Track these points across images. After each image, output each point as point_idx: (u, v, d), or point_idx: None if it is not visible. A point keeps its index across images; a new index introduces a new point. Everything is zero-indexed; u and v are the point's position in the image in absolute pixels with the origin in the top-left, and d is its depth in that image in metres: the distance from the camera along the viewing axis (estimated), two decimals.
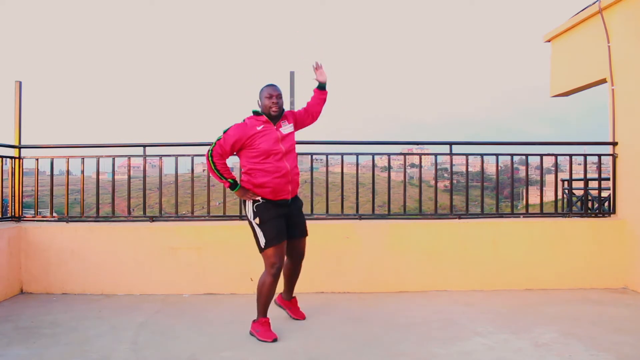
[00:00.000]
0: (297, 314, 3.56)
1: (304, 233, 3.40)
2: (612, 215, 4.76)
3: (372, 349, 2.99)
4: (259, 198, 3.15)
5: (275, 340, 3.08)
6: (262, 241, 3.12)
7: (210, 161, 3.18)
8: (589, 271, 4.51)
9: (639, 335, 3.21)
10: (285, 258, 3.32)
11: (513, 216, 4.84)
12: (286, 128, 3.24)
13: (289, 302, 3.59)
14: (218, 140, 3.17)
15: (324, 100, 3.47)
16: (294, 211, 3.31)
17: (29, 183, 4.93)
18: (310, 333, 3.27)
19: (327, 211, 4.60)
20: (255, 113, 3.23)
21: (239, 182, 3.23)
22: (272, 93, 3.18)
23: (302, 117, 3.42)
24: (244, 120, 3.22)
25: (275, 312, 3.39)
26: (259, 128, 3.14)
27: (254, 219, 3.16)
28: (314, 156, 4.80)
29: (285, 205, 3.22)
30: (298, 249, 3.39)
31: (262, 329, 3.13)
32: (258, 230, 3.15)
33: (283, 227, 3.18)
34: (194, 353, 2.92)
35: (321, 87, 3.44)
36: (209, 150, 3.18)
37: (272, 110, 3.16)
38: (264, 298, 3.15)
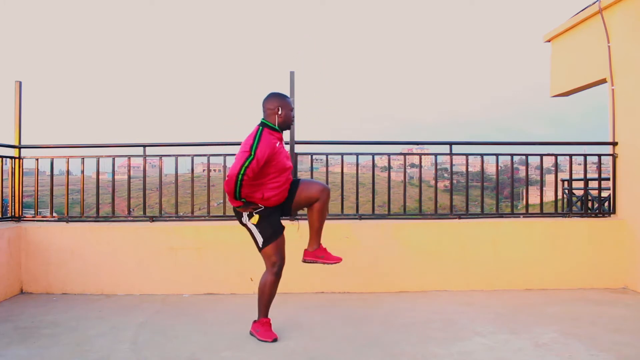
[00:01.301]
0: (332, 259, 3.23)
1: (295, 184, 3.17)
2: (612, 215, 4.76)
3: (372, 349, 2.99)
4: (261, 207, 3.09)
5: (275, 340, 3.08)
6: (260, 240, 3.09)
7: (238, 184, 2.87)
8: (589, 271, 4.51)
9: (639, 335, 3.21)
10: (309, 206, 3.18)
11: (513, 216, 4.84)
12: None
13: (319, 250, 3.23)
14: (251, 161, 2.87)
15: None
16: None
17: (29, 183, 4.93)
18: (310, 333, 3.27)
19: None
20: (271, 127, 3.05)
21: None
22: (292, 106, 3.17)
23: None
24: (261, 132, 2.99)
25: (275, 313, 3.39)
26: (277, 145, 3.04)
27: (249, 219, 3.10)
28: (314, 156, 4.80)
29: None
30: (307, 191, 3.13)
31: (262, 329, 3.13)
32: (255, 230, 3.10)
33: (278, 220, 3.16)
34: (194, 353, 2.92)
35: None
36: (239, 173, 2.85)
37: (292, 124, 3.19)
38: (266, 298, 3.13)
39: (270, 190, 3.05)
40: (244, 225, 3.17)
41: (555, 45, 5.86)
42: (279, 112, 3.06)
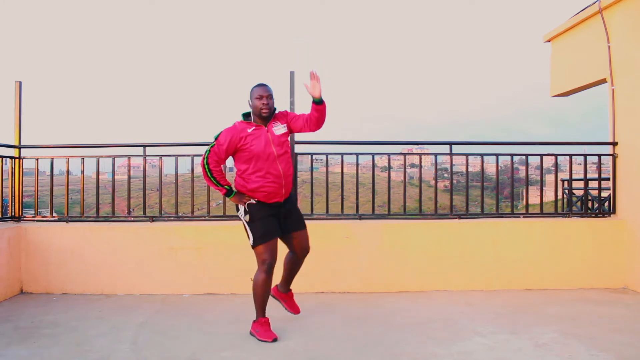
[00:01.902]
0: (292, 308, 3.52)
1: (300, 225, 3.31)
2: (612, 215, 4.76)
3: (372, 349, 2.99)
4: (254, 200, 3.14)
5: (275, 340, 3.08)
6: (251, 239, 3.14)
7: (207, 169, 3.15)
8: (589, 271, 4.51)
9: (639, 336, 3.21)
10: (289, 251, 3.38)
11: (513, 216, 4.84)
12: (278, 129, 3.17)
13: (285, 295, 3.52)
14: (212, 147, 3.13)
15: (323, 114, 3.17)
16: (288, 206, 3.27)
17: (29, 183, 4.93)
18: (310, 333, 3.27)
19: (327, 211, 4.60)
20: (245, 117, 3.20)
21: (233, 188, 3.21)
22: (262, 94, 3.11)
23: (298, 122, 3.24)
24: (233, 124, 3.18)
25: (275, 312, 3.39)
26: (249, 130, 3.11)
27: (244, 216, 3.17)
28: (314, 156, 4.79)
29: (278, 206, 3.21)
30: (299, 241, 3.30)
31: (261, 329, 3.13)
32: (247, 227, 3.16)
33: (274, 225, 3.17)
34: (194, 353, 2.92)
35: (317, 102, 3.12)
36: (204, 159, 3.15)
37: (263, 112, 3.10)
38: (259, 297, 3.15)
39: (254, 181, 3.10)
40: (241, 220, 3.23)
41: (555, 45, 5.86)
42: (250, 104, 3.18)
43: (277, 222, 3.20)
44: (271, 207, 3.17)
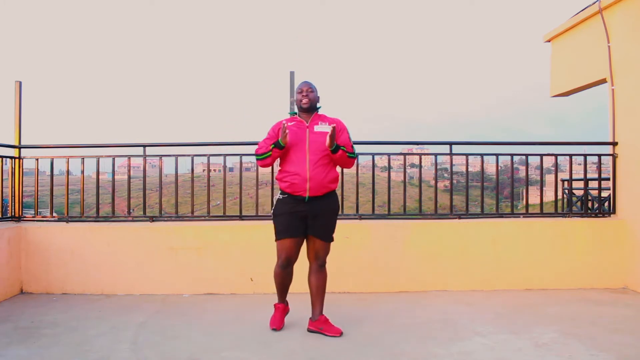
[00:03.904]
0: (332, 331, 3.22)
1: (321, 236, 3.23)
2: (612, 215, 4.76)
3: (372, 349, 2.99)
4: (280, 196, 3.24)
5: (274, 330, 3.26)
6: (275, 233, 3.26)
7: (259, 157, 3.26)
8: (589, 271, 4.51)
9: (639, 336, 3.21)
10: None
11: (513, 216, 4.84)
12: (322, 127, 3.20)
13: (318, 322, 3.26)
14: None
15: (343, 160, 3.22)
16: (317, 210, 3.17)
17: (29, 183, 4.93)
18: (311, 333, 3.27)
19: None
20: (292, 114, 3.35)
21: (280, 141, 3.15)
22: (302, 87, 3.27)
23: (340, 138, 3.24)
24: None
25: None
26: (290, 124, 3.23)
27: (272, 209, 3.33)
28: None
29: (302, 201, 3.15)
30: (314, 249, 3.26)
31: (273, 314, 3.36)
32: (274, 221, 3.29)
33: (296, 223, 3.16)
34: (193, 353, 2.92)
35: (333, 151, 3.15)
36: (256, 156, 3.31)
37: (303, 103, 3.23)
38: (277, 285, 3.35)
39: (283, 170, 3.23)
40: None
41: (555, 45, 5.86)
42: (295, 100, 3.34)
43: (302, 222, 3.17)
44: (296, 201, 3.15)
